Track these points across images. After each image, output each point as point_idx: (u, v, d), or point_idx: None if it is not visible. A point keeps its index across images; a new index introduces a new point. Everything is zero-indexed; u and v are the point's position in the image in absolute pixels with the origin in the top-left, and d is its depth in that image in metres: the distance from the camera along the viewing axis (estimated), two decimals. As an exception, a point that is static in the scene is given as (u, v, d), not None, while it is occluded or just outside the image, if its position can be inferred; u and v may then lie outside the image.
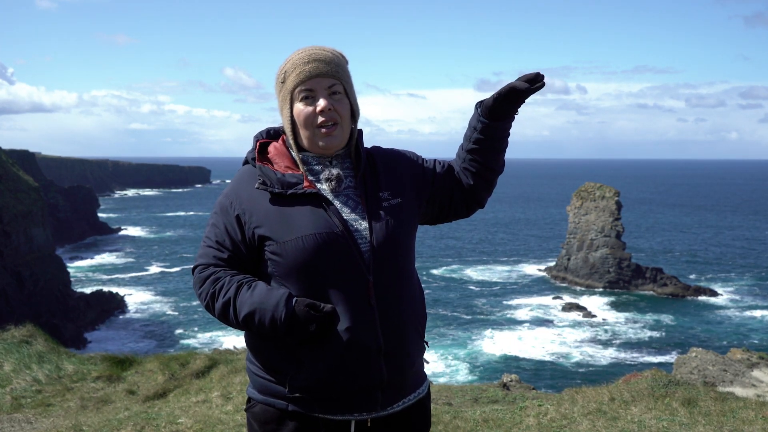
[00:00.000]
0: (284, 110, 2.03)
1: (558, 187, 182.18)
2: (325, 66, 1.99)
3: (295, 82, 1.99)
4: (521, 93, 2.00)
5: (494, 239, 79.44)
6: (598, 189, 53.00)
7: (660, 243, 75.88)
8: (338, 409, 1.97)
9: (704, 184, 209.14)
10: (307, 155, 2.05)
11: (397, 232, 2.01)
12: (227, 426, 4.92)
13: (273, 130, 2.16)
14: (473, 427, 4.83)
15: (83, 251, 70.91)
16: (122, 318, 44.81)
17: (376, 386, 1.97)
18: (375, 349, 1.94)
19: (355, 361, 1.92)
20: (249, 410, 2.09)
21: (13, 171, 47.34)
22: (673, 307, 46.44)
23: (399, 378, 2.01)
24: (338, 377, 1.93)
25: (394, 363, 1.98)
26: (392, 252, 1.99)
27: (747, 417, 4.65)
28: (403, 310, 2.01)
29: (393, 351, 1.97)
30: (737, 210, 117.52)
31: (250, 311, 1.90)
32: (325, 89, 1.99)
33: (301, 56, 2.00)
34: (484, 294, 50.44)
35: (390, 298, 1.98)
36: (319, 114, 1.98)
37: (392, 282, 1.99)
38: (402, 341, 2.00)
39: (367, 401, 1.97)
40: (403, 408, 2.05)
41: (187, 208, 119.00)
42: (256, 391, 2.06)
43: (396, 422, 2.04)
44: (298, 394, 1.95)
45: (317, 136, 2.00)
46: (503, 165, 2.22)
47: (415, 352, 2.06)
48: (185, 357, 7.29)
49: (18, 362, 7.43)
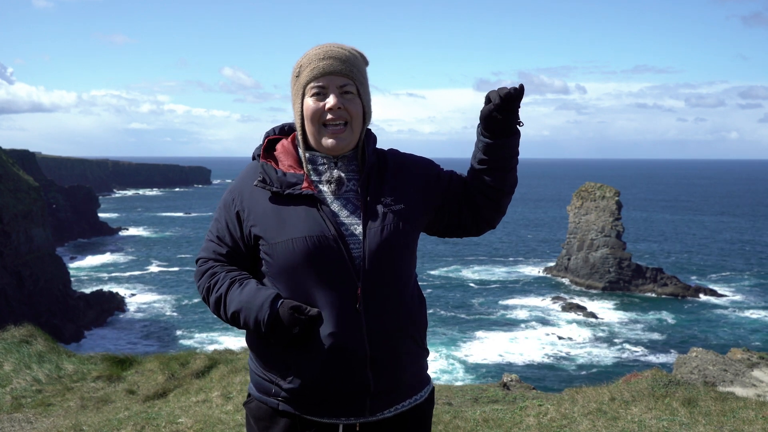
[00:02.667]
0: (295, 105, 2.01)
1: (558, 187, 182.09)
2: (340, 64, 1.96)
3: (308, 78, 1.96)
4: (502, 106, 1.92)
5: (494, 239, 79.40)
6: (598, 189, 52.99)
7: (660, 243, 75.85)
8: (324, 412, 1.96)
9: (705, 185, 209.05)
10: (314, 154, 2.02)
11: (393, 238, 1.95)
12: (227, 426, 4.92)
13: (287, 126, 2.14)
14: (473, 426, 4.83)
15: (83, 251, 70.89)
16: (122, 318, 44.81)
17: (363, 392, 1.94)
18: (361, 355, 1.90)
19: (339, 366, 1.90)
20: (247, 405, 2.11)
21: (13, 171, 47.33)
22: (673, 307, 46.44)
23: (388, 385, 1.97)
24: (322, 382, 1.92)
25: (382, 370, 1.94)
26: (385, 258, 1.93)
27: (747, 417, 4.65)
28: (394, 317, 1.95)
29: (381, 358, 1.93)
30: (737, 210, 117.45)
31: (237, 309, 1.94)
32: (338, 88, 1.95)
33: (318, 52, 1.98)
34: (484, 294, 50.43)
35: (380, 305, 1.93)
36: (327, 111, 1.95)
37: (384, 288, 1.94)
38: (392, 348, 1.95)
39: (353, 407, 1.95)
40: (396, 414, 2.01)
41: (187, 208, 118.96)
42: (254, 388, 2.08)
43: (388, 427, 2.01)
44: (285, 396, 1.97)
45: (322, 134, 1.97)
46: (512, 185, 2.13)
47: (408, 359, 2.01)
48: (185, 357, 7.29)
49: (18, 362, 7.42)
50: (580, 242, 53.04)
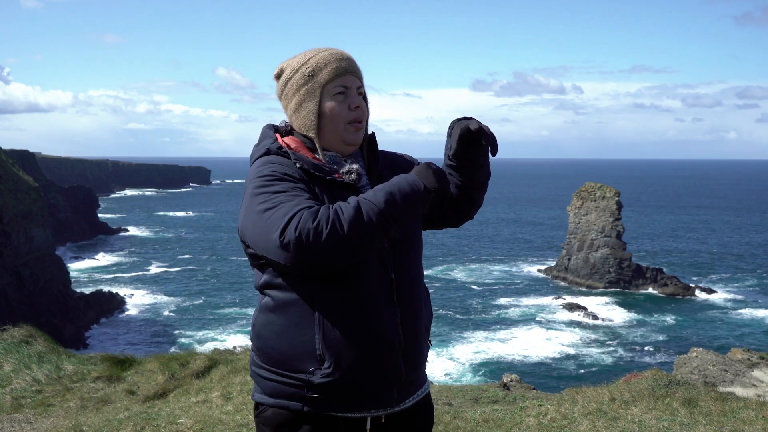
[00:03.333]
0: (309, 104, 1.99)
1: (558, 187, 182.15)
2: (355, 66, 2.03)
3: (329, 77, 1.97)
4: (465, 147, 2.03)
5: (494, 239, 79.42)
6: (598, 189, 53.01)
7: (660, 243, 75.89)
8: (356, 406, 1.94)
9: (704, 185, 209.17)
10: (326, 153, 2.04)
11: (412, 230, 2.04)
12: (227, 426, 4.92)
13: (290, 126, 2.12)
14: (473, 427, 4.82)
15: (83, 251, 70.91)
16: (122, 318, 44.81)
17: (394, 383, 1.97)
18: (397, 346, 1.95)
19: (378, 358, 1.92)
20: (259, 416, 2.01)
21: (13, 171, 47.33)
22: (673, 307, 46.46)
23: (414, 374, 2.03)
24: (360, 374, 1.91)
25: (410, 360, 2.00)
26: (409, 250, 2.02)
27: (747, 417, 4.65)
28: (418, 308, 2.03)
29: (410, 348, 1.99)
30: (737, 210, 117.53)
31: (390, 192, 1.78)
32: (355, 89, 2.01)
33: (332, 53, 2.01)
34: (484, 294, 50.44)
35: (408, 296, 1.99)
36: (353, 111, 1.99)
37: (409, 280, 2.01)
38: (418, 338, 2.02)
39: (384, 398, 1.97)
40: (413, 403, 2.07)
41: (187, 208, 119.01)
42: (266, 396, 1.99)
43: (406, 417, 2.05)
44: (318, 393, 1.90)
45: (348, 132, 2.00)
46: (485, 180, 2.20)
47: (425, 349, 2.09)
48: (185, 357, 7.29)
49: (18, 362, 7.42)
50: (580, 242, 53.06)
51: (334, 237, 1.69)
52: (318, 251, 1.70)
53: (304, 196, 1.81)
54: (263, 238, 1.77)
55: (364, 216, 1.73)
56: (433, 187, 1.84)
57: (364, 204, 1.75)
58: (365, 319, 1.89)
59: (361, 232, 1.72)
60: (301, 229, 1.69)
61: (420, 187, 1.82)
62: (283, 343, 1.92)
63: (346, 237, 1.70)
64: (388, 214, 1.75)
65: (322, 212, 1.72)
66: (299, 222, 1.70)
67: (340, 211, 1.72)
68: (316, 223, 1.69)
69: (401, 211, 1.78)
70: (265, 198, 1.80)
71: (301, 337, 1.89)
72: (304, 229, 1.69)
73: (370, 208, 1.74)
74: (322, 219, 1.70)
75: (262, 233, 1.77)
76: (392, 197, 1.76)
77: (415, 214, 1.83)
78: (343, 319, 1.88)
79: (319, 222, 1.69)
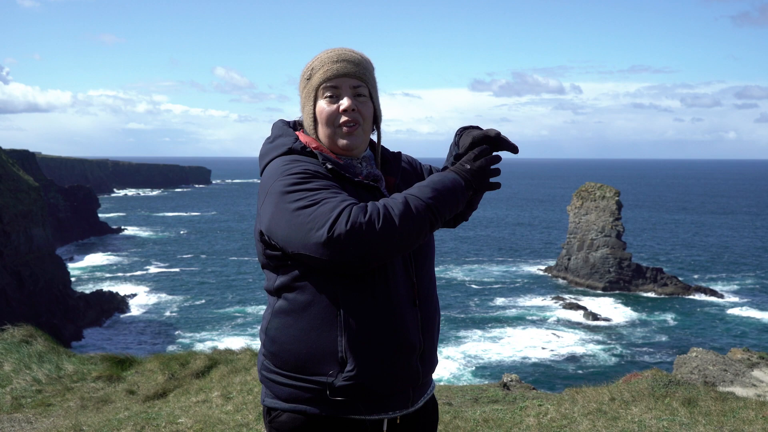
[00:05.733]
0: (307, 107, 2.01)
1: (558, 187, 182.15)
2: (353, 67, 1.98)
3: (321, 79, 1.97)
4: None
5: (494, 239, 79.42)
6: (598, 189, 53.00)
7: (660, 243, 75.88)
8: (374, 408, 1.93)
9: (704, 184, 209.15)
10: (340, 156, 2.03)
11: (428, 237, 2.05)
12: (227, 426, 4.92)
13: (294, 122, 2.12)
14: (473, 427, 4.83)
15: (83, 251, 70.86)
16: (122, 318, 44.79)
17: (412, 384, 1.99)
18: (417, 348, 1.96)
19: (400, 360, 1.92)
20: (273, 421, 1.97)
21: (13, 171, 47.34)
22: (673, 307, 46.44)
23: (428, 376, 2.06)
24: (383, 377, 1.90)
25: (427, 362, 2.02)
26: (426, 254, 2.04)
27: (747, 417, 4.65)
28: (433, 310, 2.05)
29: (426, 349, 2.01)
30: (737, 210, 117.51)
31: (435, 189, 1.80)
32: (351, 89, 1.97)
33: (330, 55, 2.00)
34: (484, 294, 50.44)
35: (426, 300, 2.02)
36: (342, 113, 1.96)
37: (427, 283, 2.03)
38: (433, 341, 2.05)
39: (401, 399, 1.98)
40: (424, 403, 2.09)
41: (187, 208, 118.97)
42: (279, 401, 1.95)
43: (417, 416, 2.07)
44: (340, 396, 1.88)
45: (338, 135, 1.97)
46: None
47: (436, 349, 2.12)
48: (185, 357, 7.29)
49: (18, 362, 7.42)
50: (580, 242, 53.05)
51: (387, 230, 1.70)
52: (371, 243, 1.69)
53: (345, 193, 1.80)
54: (301, 236, 1.74)
55: (413, 210, 1.74)
56: (471, 186, 1.88)
57: (412, 199, 1.76)
58: (390, 320, 1.89)
59: (411, 226, 1.73)
60: (353, 223, 1.68)
61: (461, 185, 1.86)
62: (302, 347, 1.89)
63: (398, 230, 1.71)
64: (435, 209, 1.78)
65: (371, 207, 1.72)
66: (350, 216, 1.69)
67: (390, 206, 1.73)
68: (368, 217, 1.69)
69: (446, 207, 1.81)
70: (301, 195, 1.77)
71: (322, 340, 1.87)
72: (357, 222, 1.68)
73: (419, 203, 1.75)
74: (374, 213, 1.70)
75: (300, 230, 1.74)
76: (438, 193, 1.79)
77: (456, 210, 1.87)
78: (368, 321, 1.86)
79: (371, 215, 1.70)
